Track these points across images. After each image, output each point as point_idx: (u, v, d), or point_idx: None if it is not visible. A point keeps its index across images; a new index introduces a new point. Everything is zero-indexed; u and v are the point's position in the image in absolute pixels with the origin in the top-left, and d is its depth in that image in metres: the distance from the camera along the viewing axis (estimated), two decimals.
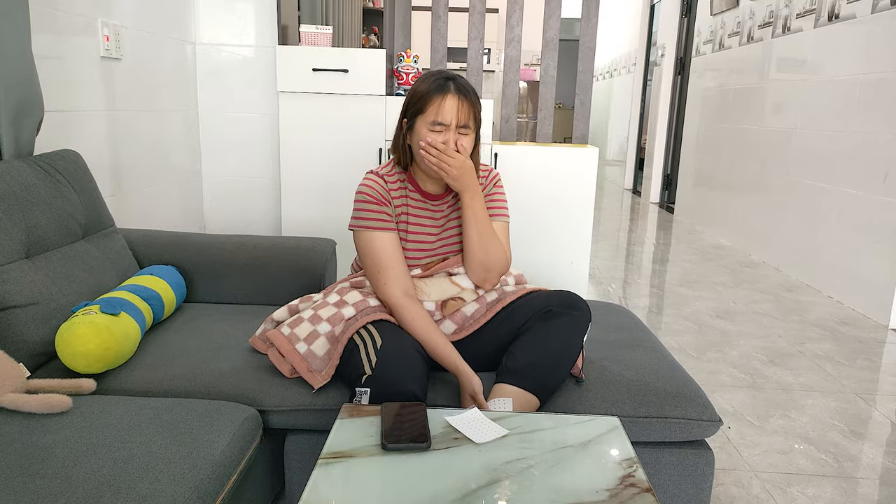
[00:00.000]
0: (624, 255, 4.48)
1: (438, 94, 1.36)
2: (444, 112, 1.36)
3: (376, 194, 1.42)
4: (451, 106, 1.36)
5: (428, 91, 1.37)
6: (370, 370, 1.23)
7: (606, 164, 8.84)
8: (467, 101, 1.37)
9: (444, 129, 1.37)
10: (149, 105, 2.49)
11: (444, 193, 1.49)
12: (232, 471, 1.09)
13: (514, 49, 2.92)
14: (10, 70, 1.50)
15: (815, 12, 3.66)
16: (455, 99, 1.36)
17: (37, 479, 0.94)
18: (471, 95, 1.38)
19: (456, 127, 1.37)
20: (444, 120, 1.36)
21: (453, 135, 1.37)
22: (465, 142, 1.39)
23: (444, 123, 1.36)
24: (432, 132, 1.37)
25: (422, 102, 1.38)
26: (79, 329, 1.29)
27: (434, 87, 1.37)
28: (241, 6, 2.85)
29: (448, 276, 1.48)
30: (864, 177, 3.19)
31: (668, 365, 1.46)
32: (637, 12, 7.49)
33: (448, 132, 1.37)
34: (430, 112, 1.36)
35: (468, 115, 1.38)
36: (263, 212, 3.06)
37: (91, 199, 1.66)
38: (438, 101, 1.36)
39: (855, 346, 2.70)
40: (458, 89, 1.37)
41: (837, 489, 1.69)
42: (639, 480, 0.93)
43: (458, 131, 1.38)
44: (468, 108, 1.37)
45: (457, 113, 1.36)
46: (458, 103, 1.36)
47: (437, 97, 1.36)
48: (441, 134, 1.37)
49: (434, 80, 1.39)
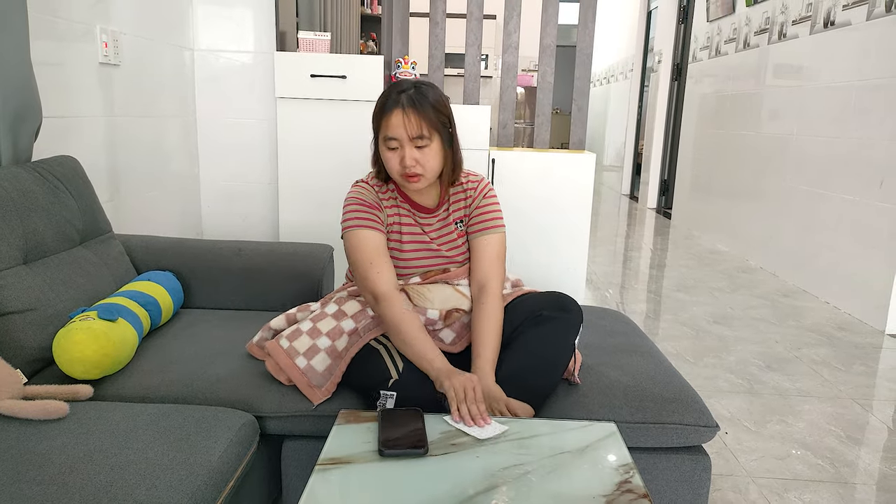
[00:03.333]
0: (621, 260, 4.48)
1: (386, 111, 1.33)
2: (392, 127, 1.32)
3: (367, 199, 1.42)
4: (397, 121, 1.31)
5: (380, 108, 1.35)
6: (397, 375, 1.24)
7: (603, 170, 8.86)
8: (416, 112, 1.31)
9: (398, 143, 1.33)
10: (147, 111, 2.49)
11: (435, 207, 1.47)
12: (229, 477, 1.09)
13: (512, 55, 2.93)
14: (9, 76, 1.50)
15: (811, 19, 3.68)
16: (400, 113, 1.31)
17: (34, 486, 0.94)
18: (422, 106, 1.32)
19: (409, 140, 1.32)
20: (395, 135, 1.33)
21: (409, 149, 1.33)
22: (423, 155, 1.34)
23: (396, 138, 1.33)
24: (389, 149, 1.34)
25: (377, 118, 1.36)
26: (76, 335, 1.29)
27: (383, 102, 1.35)
28: (240, 12, 2.86)
29: (450, 284, 1.47)
30: (860, 182, 3.20)
31: (665, 370, 1.46)
32: (634, 19, 7.52)
33: (403, 147, 1.33)
34: (383, 127, 1.34)
35: (418, 126, 1.31)
36: (261, 217, 3.06)
37: (89, 205, 1.66)
38: (387, 117, 1.33)
39: (852, 352, 2.71)
40: (407, 101, 1.32)
41: (834, 495, 1.69)
42: (636, 486, 0.93)
43: (414, 143, 1.33)
44: (417, 118, 1.31)
45: (404, 127, 1.31)
46: (403, 117, 1.31)
47: (386, 113, 1.33)
48: (397, 151, 1.34)
49: (386, 94, 1.35)
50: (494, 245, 1.47)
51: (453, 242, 1.48)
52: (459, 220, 1.50)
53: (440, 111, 1.35)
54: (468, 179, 1.51)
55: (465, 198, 1.50)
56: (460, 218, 1.50)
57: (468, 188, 1.50)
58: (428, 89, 1.36)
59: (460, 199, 1.50)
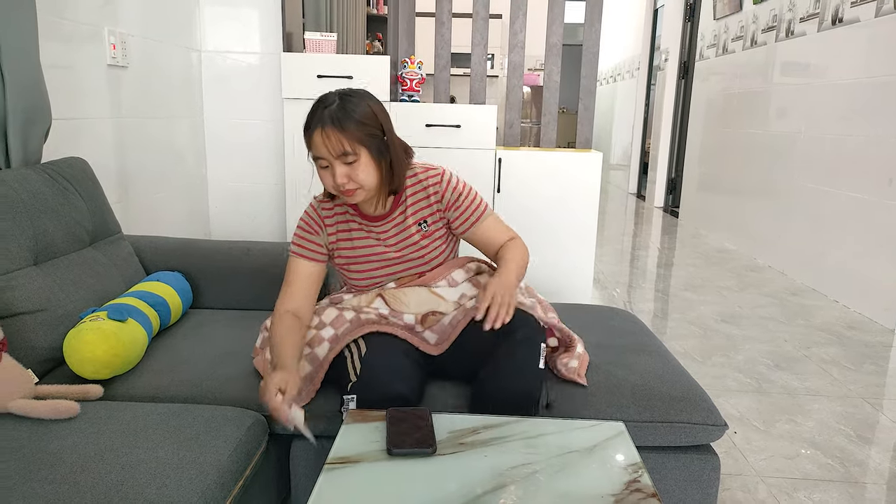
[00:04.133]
0: (628, 259, 4.47)
1: (309, 129, 1.28)
2: (315, 147, 1.28)
3: (310, 221, 1.42)
4: (318, 140, 1.26)
5: (305, 124, 1.29)
6: (355, 377, 1.24)
7: (610, 169, 8.84)
8: (336, 130, 1.25)
9: (326, 162, 1.28)
10: (155, 112, 2.50)
11: (387, 213, 1.41)
12: (238, 476, 1.09)
13: (518, 54, 2.93)
14: (19, 78, 1.51)
15: (819, 16, 3.66)
16: (319, 132, 1.26)
17: (45, 484, 0.95)
18: (342, 122, 1.25)
19: (335, 158, 1.27)
20: (319, 154, 1.28)
21: (339, 167, 1.27)
22: (351, 170, 1.28)
23: (322, 157, 1.28)
24: (320, 167, 1.30)
25: (304, 137, 1.30)
26: (86, 335, 1.30)
27: (308, 119, 1.29)
28: (246, 14, 2.87)
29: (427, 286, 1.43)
30: (868, 180, 3.18)
31: (673, 369, 1.46)
32: (640, 17, 7.50)
33: (333, 165, 1.28)
34: (310, 149, 1.30)
35: (339, 144, 1.25)
36: (268, 218, 3.07)
37: (98, 206, 1.67)
38: (310, 136, 1.28)
39: (861, 351, 2.69)
40: (328, 118, 1.25)
41: (844, 494, 1.68)
42: (644, 485, 0.93)
43: (341, 160, 1.27)
44: (337, 136, 1.25)
45: (324, 146, 1.26)
46: (322, 137, 1.25)
47: (309, 132, 1.28)
48: (328, 169, 1.29)
49: (312, 110, 1.29)
50: (491, 228, 1.45)
51: (416, 245, 1.42)
52: (423, 221, 1.42)
53: (365, 123, 1.28)
54: (427, 176, 1.42)
55: (426, 196, 1.41)
56: (423, 218, 1.42)
57: (428, 185, 1.41)
58: (354, 101, 1.29)
59: (420, 199, 1.42)
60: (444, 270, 1.45)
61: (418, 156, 1.47)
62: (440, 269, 1.44)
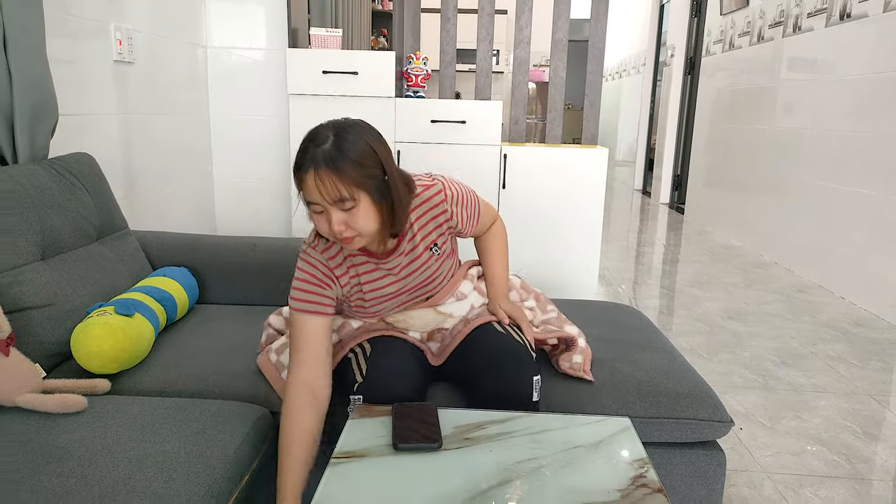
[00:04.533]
0: (634, 255, 4.46)
1: (300, 171, 1.11)
2: (308, 191, 1.11)
3: (318, 275, 1.25)
4: (311, 184, 1.10)
5: (296, 165, 1.13)
6: (361, 377, 1.23)
7: (616, 165, 8.82)
8: (332, 174, 1.08)
9: (321, 207, 1.12)
10: (161, 108, 2.51)
11: (395, 247, 1.28)
12: (245, 470, 1.10)
13: (524, 50, 2.92)
14: (26, 74, 1.52)
15: (827, 11, 3.64)
16: (313, 175, 1.09)
17: (53, 478, 0.96)
18: (337, 165, 1.08)
19: (330, 204, 1.11)
20: (312, 199, 1.12)
21: (335, 213, 1.11)
22: (352, 217, 1.12)
23: (315, 203, 1.12)
24: (314, 212, 1.14)
25: (295, 179, 1.14)
26: (93, 330, 1.31)
27: (299, 159, 1.12)
28: (252, 9, 2.87)
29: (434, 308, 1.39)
30: (876, 176, 3.16)
31: (679, 366, 1.45)
32: (646, 12, 7.46)
33: (328, 211, 1.12)
34: (302, 192, 1.13)
35: (335, 189, 1.09)
36: (274, 213, 3.08)
37: (105, 202, 1.67)
38: (301, 178, 1.11)
39: (868, 347, 2.68)
40: (322, 160, 1.09)
41: (850, 491, 1.68)
42: (650, 481, 0.93)
43: (338, 206, 1.11)
44: (333, 181, 1.08)
45: (318, 191, 1.09)
46: (316, 180, 1.09)
47: (300, 173, 1.11)
48: (323, 215, 1.13)
49: (303, 147, 1.13)
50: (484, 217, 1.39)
51: (428, 270, 1.33)
52: (433, 245, 1.31)
53: (364, 164, 1.11)
54: (430, 196, 1.28)
55: (433, 218, 1.29)
56: (433, 242, 1.31)
57: (435, 206, 1.28)
58: (351, 137, 1.12)
59: (428, 223, 1.29)
60: (451, 288, 1.41)
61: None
62: (447, 288, 1.40)
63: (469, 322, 1.38)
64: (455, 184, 1.33)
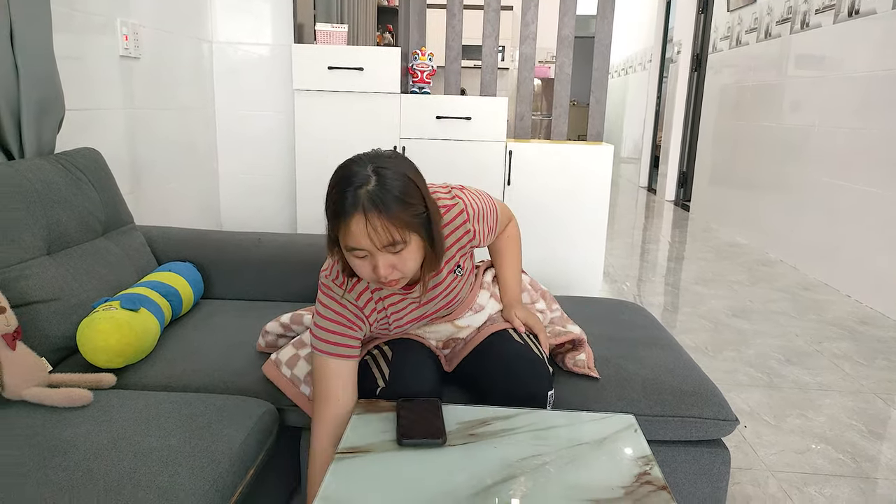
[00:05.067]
0: (639, 252, 4.45)
1: (344, 216, 1.01)
2: (354, 237, 1.02)
3: (349, 315, 1.19)
4: (359, 230, 1.00)
5: (335, 209, 1.03)
6: (384, 383, 1.21)
7: (621, 162, 8.80)
8: (380, 218, 0.99)
9: (365, 253, 1.04)
10: (167, 103, 2.51)
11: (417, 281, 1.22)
12: (250, 465, 1.10)
13: (529, 46, 2.91)
14: (32, 69, 1.52)
15: (835, 7, 3.62)
16: (361, 220, 0.99)
17: (59, 472, 0.96)
18: (387, 206, 1.00)
19: (379, 249, 1.03)
20: (358, 245, 1.02)
21: (382, 258, 1.03)
22: (400, 260, 1.05)
23: (361, 248, 1.03)
24: (356, 257, 1.05)
25: (333, 221, 1.04)
26: (99, 324, 1.31)
27: (340, 202, 1.01)
28: (258, 5, 2.87)
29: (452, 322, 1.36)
30: (883, 174, 3.15)
31: (683, 363, 1.45)
32: (653, 8, 7.43)
33: (373, 256, 1.04)
34: (342, 235, 1.03)
35: (386, 232, 1.00)
36: (279, 209, 3.08)
37: (110, 197, 1.68)
38: (346, 224, 1.01)
39: (874, 346, 2.67)
40: (368, 203, 0.99)
41: (855, 489, 1.67)
42: (655, 478, 0.93)
43: (387, 251, 1.03)
44: (384, 224, 1.00)
45: (368, 237, 1.00)
46: (365, 226, 1.00)
47: (344, 219, 1.01)
48: (367, 259, 1.05)
49: (341, 188, 1.02)
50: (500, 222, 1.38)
51: (452, 293, 1.30)
52: (457, 267, 1.27)
53: (410, 203, 1.03)
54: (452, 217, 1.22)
55: (456, 240, 1.23)
56: (457, 264, 1.27)
57: (457, 228, 1.22)
58: (390, 173, 1.03)
59: (452, 246, 1.23)
60: (469, 302, 1.37)
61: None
62: (466, 303, 1.36)
63: (483, 328, 1.37)
64: (473, 196, 1.26)
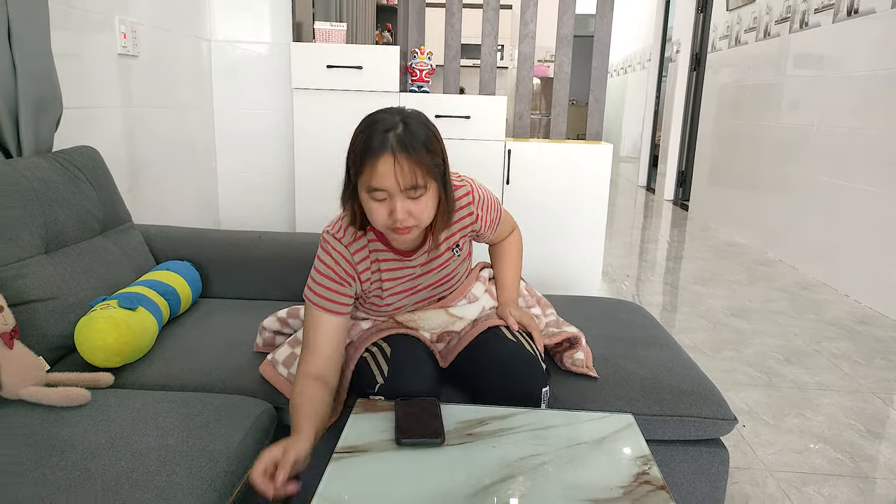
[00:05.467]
0: (638, 252, 4.45)
1: (371, 156, 1.07)
2: (381, 177, 1.07)
3: (339, 271, 1.22)
4: (386, 169, 1.06)
5: (363, 149, 1.09)
6: (382, 380, 1.21)
7: (620, 161, 8.80)
8: (409, 159, 1.07)
9: (386, 195, 1.09)
10: (165, 102, 2.51)
11: (419, 245, 1.27)
12: (248, 464, 1.10)
13: (528, 45, 2.91)
14: (30, 67, 1.52)
15: (834, 7, 3.62)
16: (390, 160, 1.06)
17: (57, 471, 0.96)
18: (415, 150, 1.08)
19: (401, 191, 1.09)
20: (382, 185, 1.08)
21: (400, 201, 1.09)
22: (417, 207, 1.11)
23: (384, 189, 1.09)
24: (374, 200, 1.10)
25: (358, 163, 1.10)
26: (97, 323, 1.31)
27: (368, 143, 1.08)
28: (257, 3, 2.86)
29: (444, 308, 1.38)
30: (882, 174, 3.15)
31: (682, 363, 1.45)
32: (652, 8, 7.43)
33: (393, 198, 1.09)
34: (366, 175, 1.09)
35: (412, 175, 1.07)
36: (278, 208, 3.08)
37: (108, 195, 1.67)
38: (372, 163, 1.07)
39: (872, 345, 2.67)
40: (397, 144, 1.07)
41: (854, 489, 1.67)
42: (653, 478, 0.93)
43: (406, 195, 1.09)
44: (411, 166, 1.07)
45: (395, 177, 1.07)
46: (393, 165, 1.06)
47: (371, 158, 1.07)
48: (385, 203, 1.10)
49: (369, 132, 1.09)
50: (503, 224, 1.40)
51: (445, 269, 1.32)
52: (455, 246, 1.31)
53: (433, 151, 1.12)
54: (459, 196, 1.27)
55: (459, 219, 1.28)
56: (456, 243, 1.31)
57: (461, 208, 1.27)
58: (417, 124, 1.11)
59: (454, 224, 1.28)
60: (463, 289, 1.40)
61: None
62: (460, 289, 1.40)
63: (477, 324, 1.37)
64: (482, 187, 1.32)
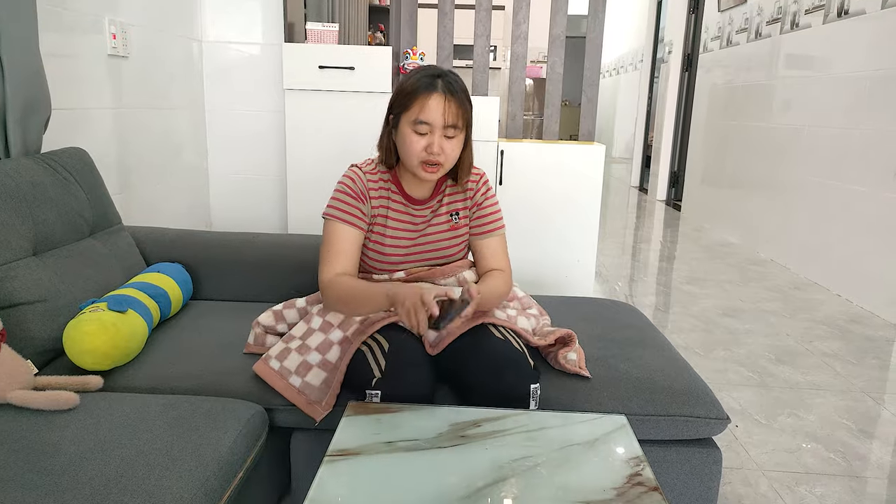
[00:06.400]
0: (630, 252, 4.46)
1: (424, 92, 1.29)
2: (429, 111, 1.29)
3: (355, 188, 1.39)
4: (436, 105, 1.29)
5: (415, 88, 1.30)
6: (380, 374, 1.21)
7: (613, 162, 8.82)
8: (455, 101, 1.30)
9: (428, 129, 1.30)
10: (156, 103, 2.49)
11: (427, 198, 1.44)
12: (238, 468, 1.09)
13: (521, 46, 2.91)
14: (18, 68, 1.50)
15: (825, 8, 3.64)
16: (441, 98, 1.29)
17: (45, 476, 0.95)
18: (459, 95, 1.31)
19: (442, 127, 1.30)
20: (429, 119, 1.29)
21: (438, 137, 1.30)
22: (449, 146, 1.32)
23: (429, 123, 1.30)
24: (416, 132, 1.30)
25: (407, 99, 1.31)
26: (86, 326, 1.30)
27: (421, 84, 1.30)
28: (248, 4, 2.85)
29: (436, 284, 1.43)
30: (873, 174, 3.17)
31: (675, 363, 1.45)
32: (644, 9, 7.45)
33: (433, 133, 1.30)
34: (414, 109, 1.30)
35: (456, 115, 1.30)
36: (270, 209, 3.06)
37: (98, 197, 1.66)
38: (423, 99, 1.29)
39: (864, 345, 2.69)
40: (446, 87, 1.30)
41: (846, 488, 1.68)
42: (646, 479, 0.93)
43: (445, 132, 1.31)
44: (456, 108, 1.30)
45: (443, 112, 1.29)
46: (444, 103, 1.29)
47: (423, 94, 1.29)
48: (425, 137, 1.30)
49: (422, 76, 1.32)
50: (496, 246, 1.48)
51: (443, 234, 1.45)
52: (455, 213, 1.46)
53: (470, 104, 1.35)
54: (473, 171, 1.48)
55: (462, 190, 1.46)
56: (456, 210, 1.46)
57: (466, 180, 1.46)
58: (459, 80, 1.35)
59: (457, 192, 1.46)
60: (455, 268, 1.46)
61: None
62: (452, 266, 1.46)
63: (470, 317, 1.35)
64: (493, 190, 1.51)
